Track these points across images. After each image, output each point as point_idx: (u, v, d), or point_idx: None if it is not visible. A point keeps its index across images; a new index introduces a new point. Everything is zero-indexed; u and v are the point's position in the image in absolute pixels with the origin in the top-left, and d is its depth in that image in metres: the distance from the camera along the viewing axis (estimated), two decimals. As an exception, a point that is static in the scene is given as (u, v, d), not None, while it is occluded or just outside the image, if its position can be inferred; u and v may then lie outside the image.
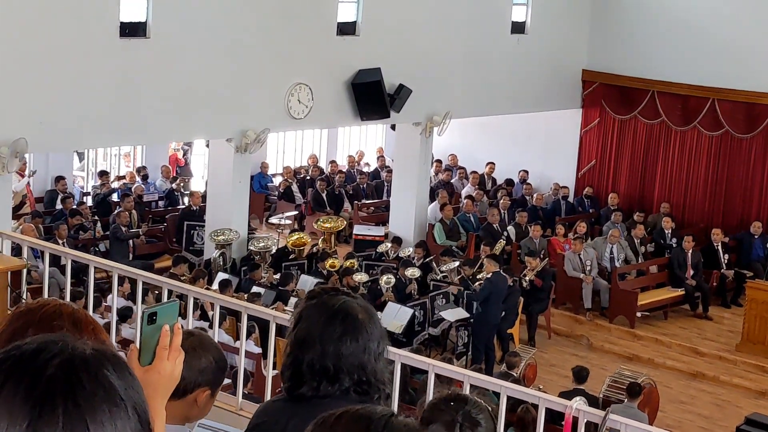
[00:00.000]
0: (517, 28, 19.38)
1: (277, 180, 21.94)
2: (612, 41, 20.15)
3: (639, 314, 16.71)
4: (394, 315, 14.21)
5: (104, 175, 19.76)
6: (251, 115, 15.55)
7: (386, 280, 15.25)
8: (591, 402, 10.79)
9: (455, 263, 16.04)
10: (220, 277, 14.65)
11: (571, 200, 20.66)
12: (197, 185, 21.38)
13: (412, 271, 15.70)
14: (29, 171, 18.48)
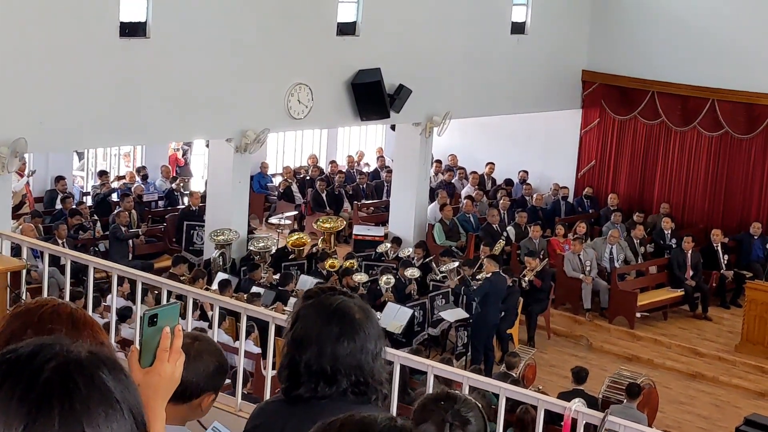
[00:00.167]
0: (517, 29, 19.38)
1: (277, 180, 21.94)
2: (612, 42, 20.15)
3: (638, 315, 16.71)
4: (394, 315, 14.21)
5: (104, 175, 19.76)
6: (251, 115, 15.55)
7: (386, 281, 15.25)
8: (590, 402, 10.79)
9: (455, 263, 16.03)
10: (220, 277, 14.65)
11: (571, 201, 20.66)
12: (197, 185, 21.38)
13: (412, 272, 15.70)
14: (28, 171, 18.48)
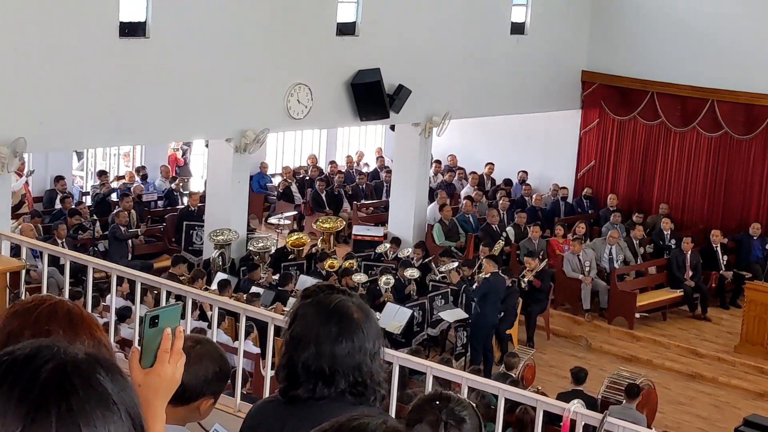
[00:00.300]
0: (517, 29, 19.37)
1: (277, 180, 21.94)
2: (612, 42, 20.15)
3: (638, 315, 16.71)
4: (393, 315, 14.21)
5: (103, 175, 19.76)
6: (250, 115, 15.55)
7: (385, 281, 15.25)
8: (589, 403, 10.79)
9: (454, 264, 16.03)
10: (219, 277, 14.65)
11: (571, 201, 20.66)
12: (196, 185, 21.38)
13: (411, 272, 15.70)
14: (27, 170, 18.47)
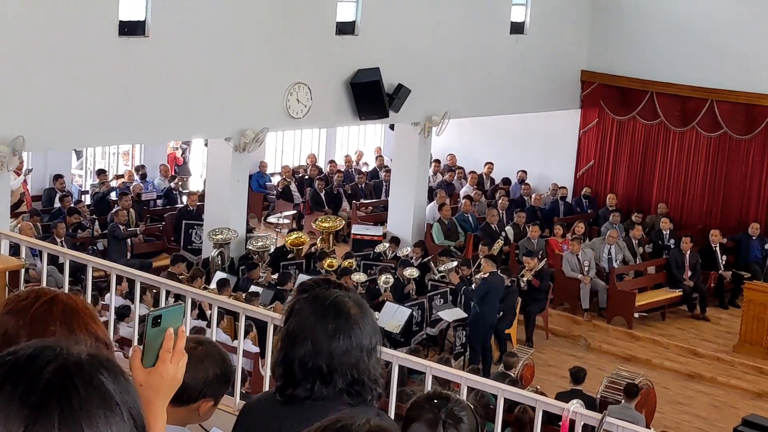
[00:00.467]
0: (516, 29, 19.37)
1: (276, 179, 21.94)
2: (611, 42, 20.15)
3: (637, 315, 16.72)
4: (392, 315, 14.21)
5: (102, 174, 19.76)
6: (250, 115, 15.55)
7: (384, 280, 15.25)
8: (588, 403, 10.79)
9: (453, 263, 16.03)
10: (218, 276, 14.65)
11: (570, 201, 20.66)
12: (195, 184, 21.38)
13: (411, 271, 15.70)
14: (25, 169, 18.46)
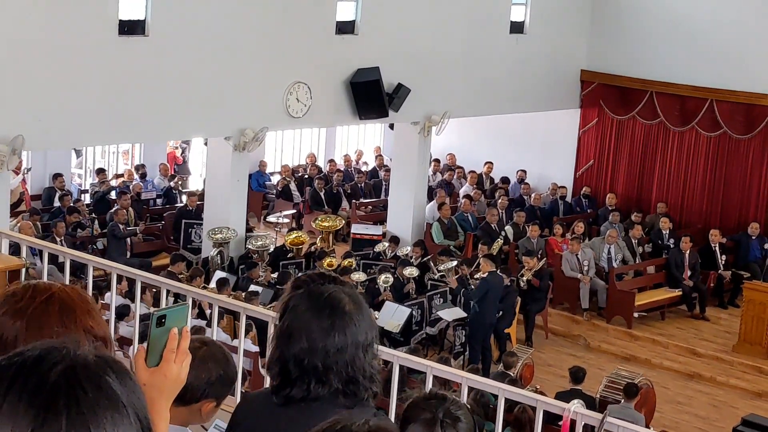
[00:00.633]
0: (516, 28, 19.37)
1: (275, 178, 21.94)
2: (611, 42, 20.14)
3: (636, 314, 16.72)
4: (392, 314, 14.21)
5: (102, 173, 19.76)
6: (250, 114, 15.55)
7: (384, 280, 15.25)
8: (588, 402, 10.79)
9: (453, 263, 16.03)
10: (218, 276, 14.66)
11: (569, 200, 20.66)
12: (195, 183, 21.38)
13: (410, 271, 15.70)
14: (24, 168, 18.45)
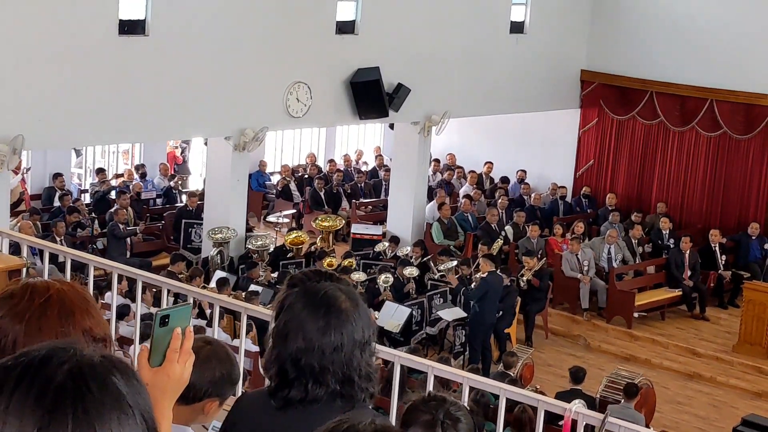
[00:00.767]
0: (516, 28, 19.37)
1: (275, 178, 21.94)
2: (611, 42, 20.15)
3: (636, 315, 16.72)
4: (392, 314, 14.21)
5: (101, 173, 19.76)
6: (250, 114, 15.55)
7: (384, 279, 15.25)
8: (588, 402, 10.79)
9: (453, 263, 16.03)
10: (218, 275, 14.65)
11: (569, 200, 20.66)
12: (195, 183, 21.38)
13: (410, 271, 15.70)
14: (23, 168, 18.43)
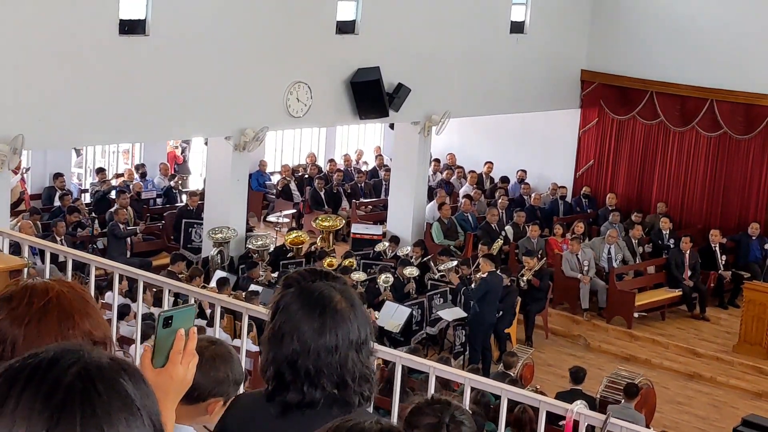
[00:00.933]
0: (516, 28, 19.37)
1: (275, 178, 21.94)
2: (611, 42, 20.15)
3: (636, 315, 16.72)
4: (392, 314, 14.22)
5: (101, 172, 19.76)
6: (250, 113, 15.55)
7: (384, 279, 15.25)
8: (588, 403, 10.79)
9: (453, 263, 16.03)
10: (218, 275, 14.66)
11: (569, 200, 20.66)
12: (195, 183, 21.38)
13: (410, 270, 15.70)
14: (23, 168, 18.42)
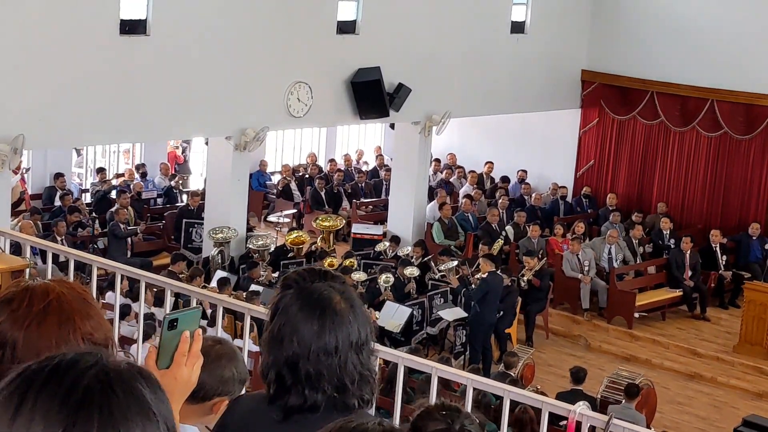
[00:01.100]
0: (517, 28, 19.37)
1: (276, 178, 21.94)
2: (611, 42, 20.14)
3: (637, 315, 16.72)
4: (392, 314, 14.22)
5: (102, 172, 19.76)
6: (250, 113, 15.55)
7: (385, 279, 15.25)
8: (589, 403, 10.80)
9: (453, 263, 16.03)
10: (219, 275, 14.66)
11: (570, 200, 20.66)
12: (196, 183, 21.38)
13: (411, 271, 15.70)
14: (23, 168, 18.42)
